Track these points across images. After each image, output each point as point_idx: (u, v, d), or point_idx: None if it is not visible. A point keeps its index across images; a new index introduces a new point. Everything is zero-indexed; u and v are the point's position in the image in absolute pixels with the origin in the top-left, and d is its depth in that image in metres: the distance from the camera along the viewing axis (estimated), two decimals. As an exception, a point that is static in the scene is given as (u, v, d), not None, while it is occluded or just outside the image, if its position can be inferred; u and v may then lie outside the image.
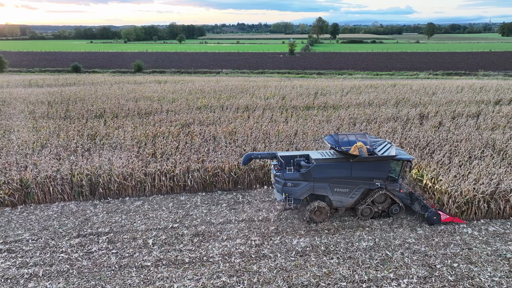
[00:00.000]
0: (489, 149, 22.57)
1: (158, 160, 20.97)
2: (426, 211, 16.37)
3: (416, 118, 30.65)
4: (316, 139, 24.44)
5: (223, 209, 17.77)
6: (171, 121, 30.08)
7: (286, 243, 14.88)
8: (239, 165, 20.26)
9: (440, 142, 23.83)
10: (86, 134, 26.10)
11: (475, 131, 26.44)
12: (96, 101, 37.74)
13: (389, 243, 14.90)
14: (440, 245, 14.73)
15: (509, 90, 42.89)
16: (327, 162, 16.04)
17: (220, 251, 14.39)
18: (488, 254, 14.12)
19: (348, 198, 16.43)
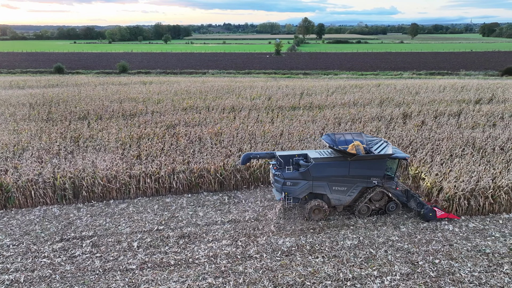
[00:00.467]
0: (470, 147, 23.11)
1: (143, 162, 20.80)
2: (422, 208, 16.74)
3: (399, 118, 31.15)
4: (301, 139, 24.59)
5: (209, 210, 17.74)
6: (156, 123, 29.85)
7: (272, 243, 14.96)
8: (225, 166, 20.25)
9: (423, 141, 24.28)
10: (69, 137, 25.70)
11: (456, 130, 27.02)
12: (79, 103, 37.17)
13: (373, 241, 15.13)
14: (422, 242, 15.03)
15: (488, 89, 43.96)
16: (326, 161, 16.27)
17: (206, 252, 14.37)
18: (468, 250, 14.47)
19: (346, 196, 16.70)
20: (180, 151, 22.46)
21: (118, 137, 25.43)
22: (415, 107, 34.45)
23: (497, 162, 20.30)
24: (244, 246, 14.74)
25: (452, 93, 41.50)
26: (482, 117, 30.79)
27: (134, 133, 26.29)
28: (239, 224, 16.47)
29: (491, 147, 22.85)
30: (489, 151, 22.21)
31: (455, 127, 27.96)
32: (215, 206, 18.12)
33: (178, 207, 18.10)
